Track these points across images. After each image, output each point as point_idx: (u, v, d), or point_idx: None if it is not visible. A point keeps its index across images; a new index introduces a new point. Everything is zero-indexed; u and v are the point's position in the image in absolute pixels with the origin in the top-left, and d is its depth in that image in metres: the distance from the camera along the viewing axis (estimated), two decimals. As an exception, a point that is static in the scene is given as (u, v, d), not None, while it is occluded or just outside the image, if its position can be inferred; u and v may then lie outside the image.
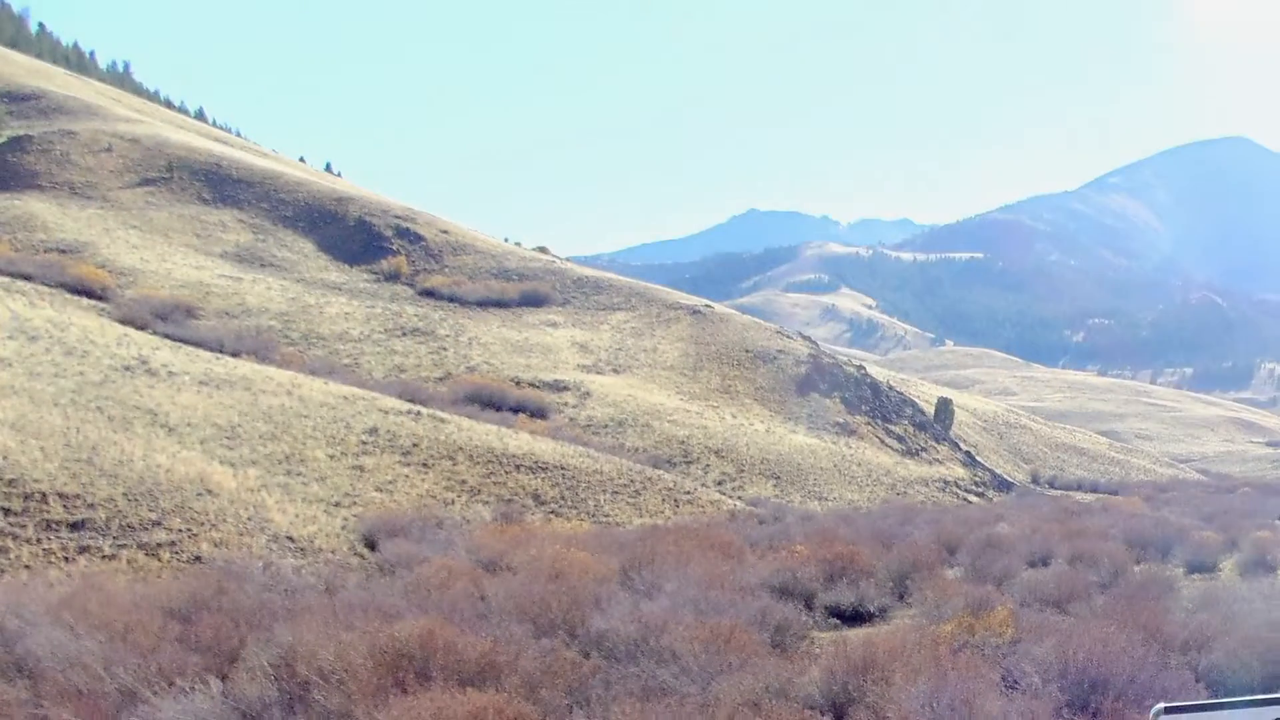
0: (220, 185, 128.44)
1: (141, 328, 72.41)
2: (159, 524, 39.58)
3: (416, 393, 75.85)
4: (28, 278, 77.03)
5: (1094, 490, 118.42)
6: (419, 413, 64.83)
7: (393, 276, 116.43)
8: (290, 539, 42.80)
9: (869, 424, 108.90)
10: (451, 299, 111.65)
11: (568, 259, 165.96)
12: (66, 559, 35.84)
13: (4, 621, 24.40)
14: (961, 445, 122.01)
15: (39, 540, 36.26)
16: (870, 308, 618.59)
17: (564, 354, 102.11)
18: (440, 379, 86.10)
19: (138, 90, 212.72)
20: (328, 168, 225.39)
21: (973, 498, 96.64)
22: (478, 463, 60.51)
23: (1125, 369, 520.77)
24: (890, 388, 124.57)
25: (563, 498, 60.24)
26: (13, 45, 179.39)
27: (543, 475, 61.87)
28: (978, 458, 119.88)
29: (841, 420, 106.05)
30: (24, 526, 36.50)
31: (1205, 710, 3.84)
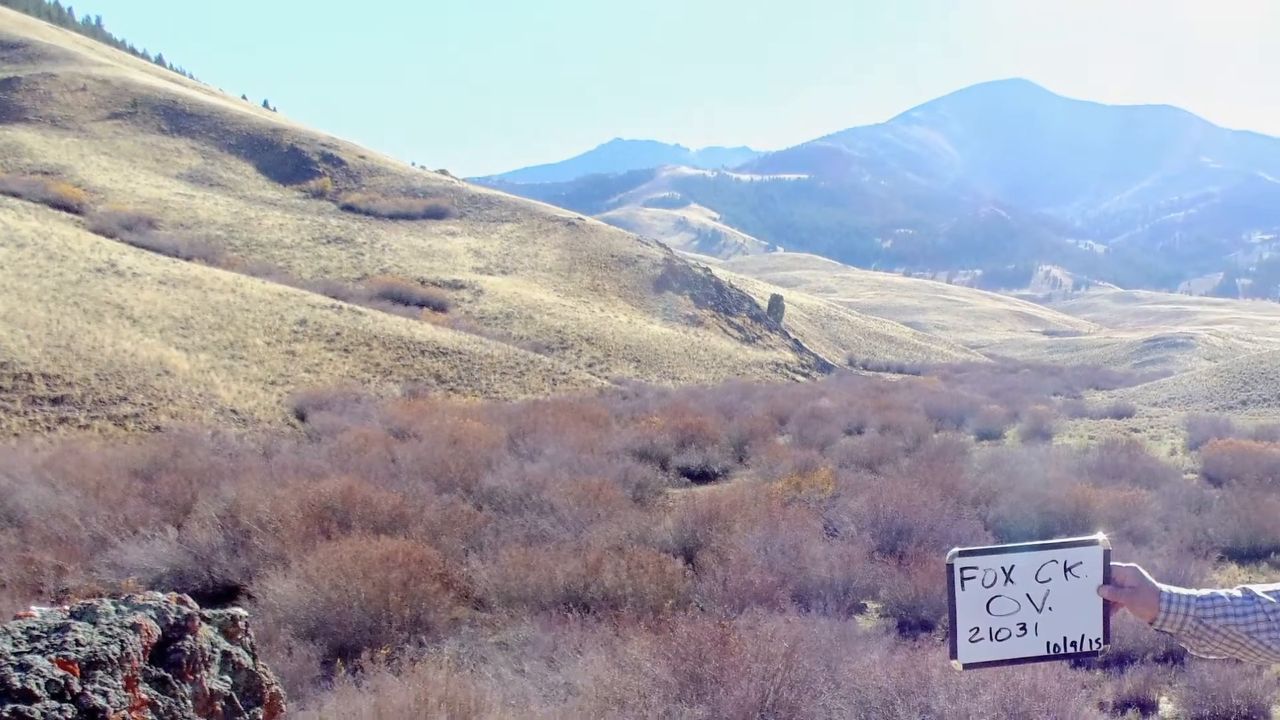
0: (176, 118, 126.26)
1: (111, 236, 71.24)
2: (125, 399, 39.28)
3: (339, 290, 75.23)
4: (16, 195, 75.61)
5: (900, 371, 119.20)
6: (341, 307, 64.31)
7: (319, 194, 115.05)
8: (234, 412, 42.56)
9: (714, 316, 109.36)
10: (368, 213, 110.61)
11: (465, 179, 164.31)
12: (48, 428, 35.57)
13: (-3, 481, 24.31)
14: (790, 334, 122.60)
15: (25, 413, 35.96)
16: (715, 220, 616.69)
17: (461, 258, 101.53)
18: (358, 279, 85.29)
19: (108, 40, 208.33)
20: (265, 103, 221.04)
21: (800, 378, 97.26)
22: (389, 348, 60.25)
23: (926, 271, 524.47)
24: (731, 286, 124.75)
25: (460, 377, 60.09)
26: (4, 2, 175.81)
27: (443, 359, 61.70)
28: (804, 344, 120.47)
29: (691, 313, 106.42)
30: (13, 401, 36.18)
31: (992, 554, 3.92)
